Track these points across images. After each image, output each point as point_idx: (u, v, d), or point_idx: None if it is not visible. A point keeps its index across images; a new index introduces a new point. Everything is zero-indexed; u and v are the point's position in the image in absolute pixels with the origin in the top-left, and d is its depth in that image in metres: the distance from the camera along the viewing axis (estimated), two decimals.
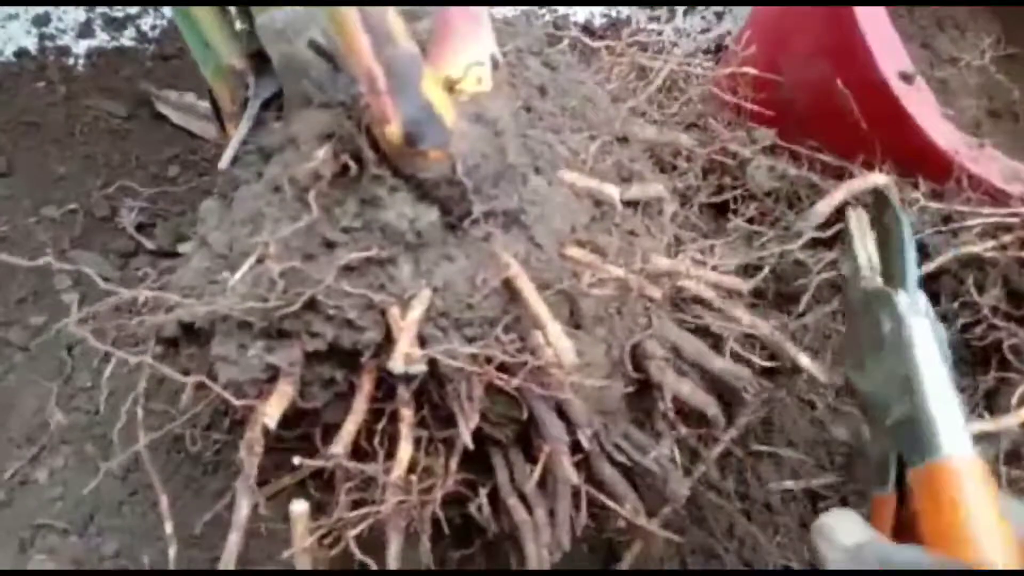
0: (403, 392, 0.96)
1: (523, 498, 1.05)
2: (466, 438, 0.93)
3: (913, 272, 0.88)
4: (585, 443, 0.95)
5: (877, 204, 0.98)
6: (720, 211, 1.43)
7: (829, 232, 1.31)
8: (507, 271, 0.86)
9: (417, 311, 0.86)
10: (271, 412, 0.90)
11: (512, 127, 0.91)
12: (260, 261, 0.83)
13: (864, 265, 0.93)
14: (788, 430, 1.32)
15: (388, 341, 0.91)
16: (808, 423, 1.31)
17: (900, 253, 0.89)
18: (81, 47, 2.10)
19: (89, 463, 1.56)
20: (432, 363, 0.89)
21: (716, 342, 1.11)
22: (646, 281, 0.96)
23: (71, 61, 2.08)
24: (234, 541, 0.96)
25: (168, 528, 1.31)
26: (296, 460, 0.90)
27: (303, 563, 0.97)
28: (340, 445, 0.95)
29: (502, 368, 0.90)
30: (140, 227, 1.88)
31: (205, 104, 1.95)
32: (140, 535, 1.45)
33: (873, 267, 0.93)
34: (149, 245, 1.86)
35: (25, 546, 1.45)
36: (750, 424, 1.26)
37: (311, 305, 0.87)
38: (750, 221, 1.33)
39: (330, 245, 0.88)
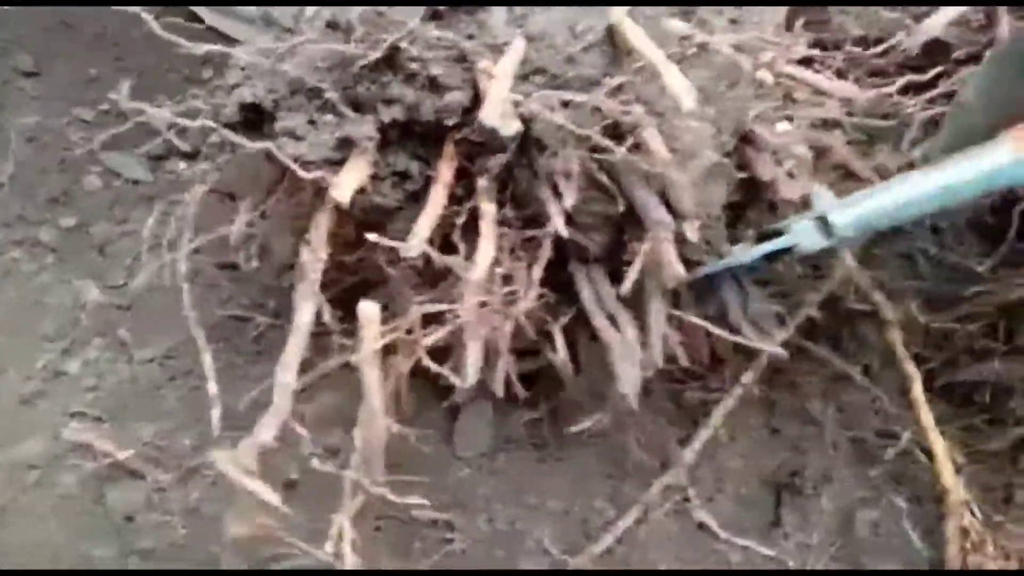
0: (485, 182, 0.87)
1: (611, 320, 0.94)
2: (559, 224, 0.83)
3: None
4: (692, 235, 0.84)
5: None
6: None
7: (926, 76, 1.20)
8: (612, 17, 0.76)
9: (510, 60, 0.76)
10: (343, 186, 0.80)
11: None
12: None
13: None
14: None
15: (474, 109, 0.81)
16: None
17: None
18: None
19: (123, 354, 1.47)
20: (526, 130, 0.79)
21: None
22: (756, 62, 0.86)
23: None
24: (295, 344, 0.86)
25: (212, 388, 1.23)
26: (372, 236, 0.80)
27: (369, 374, 0.87)
28: (416, 239, 0.85)
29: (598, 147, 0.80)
30: (172, 127, 1.80)
31: (242, 8, 1.88)
32: (180, 419, 1.35)
33: None
34: (183, 147, 1.77)
35: (58, 434, 1.35)
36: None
37: (390, 61, 0.78)
38: (838, 74, 1.22)
39: None
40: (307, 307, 0.88)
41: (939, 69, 1.19)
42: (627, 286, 0.85)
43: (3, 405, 1.40)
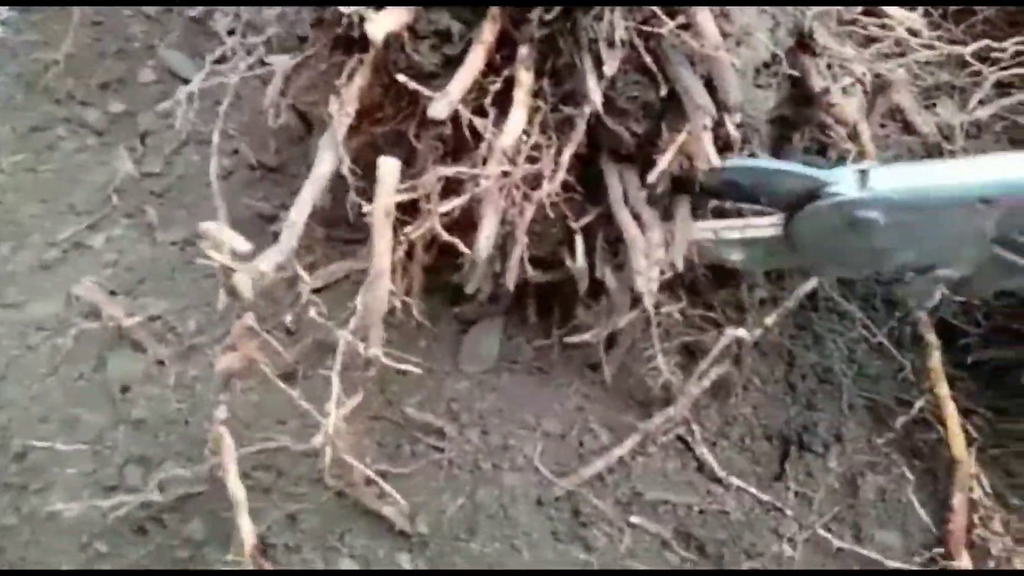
0: (526, 50, 0.84)
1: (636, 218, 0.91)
2: (596, 99, 0.80)
3: None
4: (732, 129, 0.80)
5: None
6: None
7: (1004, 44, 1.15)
8: None
9: None
10: (379, 22, 0.78)
11: None
12: None
13: None
14: None
15: None
16: None
17: None
18: None
19: (147, 235, 1.47)
20: None
21: None
22: None
23: None
24: (310, 190, 0.84)
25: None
26: (400, 77, 0.78)
27: (380, 232, 0.84)
28: (447, 99, 0.82)
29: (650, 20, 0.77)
30: (232, 33, 1.81)
31: None
32: (189, 300, 1.34)
33: None
34: (240, 51, 1.78)
35: (71, 301, 1.35)
36: None
37: None
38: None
39: None
40: (327, 157, 0.86)
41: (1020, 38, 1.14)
42: (657, 172, 0.81)
43: (24, 268, 1.41)
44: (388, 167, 0.81)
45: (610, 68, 0.77)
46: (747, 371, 1.11)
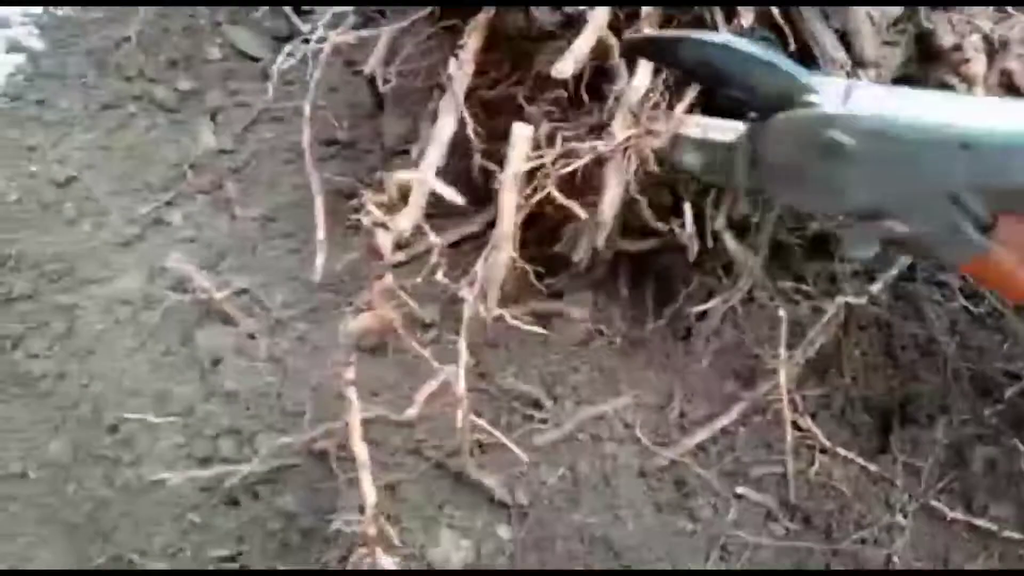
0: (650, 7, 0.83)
1: None
2: None
3: None
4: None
5: None
6: None
7: None
8: None
9: None
10: None
11: None
12: None
13: None
14: None
15: None
16: None
17: None
18: None
19: (225, 210, 1.47)
20: None
21: None
22: None
23: None
24: (435, 152, 0.84)
25: (321, 233, 1.22)
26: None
27: (508, 197, 0.84)
28: (571, 59, 0.82)
29: None
30: (298, 12, 1.81)
31: None
32: (274, 275, 1.34)
33: None
34: (304, 29, 1.77)
35: (154, 276, 1.36)
36: None
37: None
38: None
39: None
40: (448, 120, 0.85)
41: None
42: None
43: (105, 244, 1.42)
44: (521, 132, 0.81)
45: (747, 21, 0.75)
46: (845, 344, 1.09)
